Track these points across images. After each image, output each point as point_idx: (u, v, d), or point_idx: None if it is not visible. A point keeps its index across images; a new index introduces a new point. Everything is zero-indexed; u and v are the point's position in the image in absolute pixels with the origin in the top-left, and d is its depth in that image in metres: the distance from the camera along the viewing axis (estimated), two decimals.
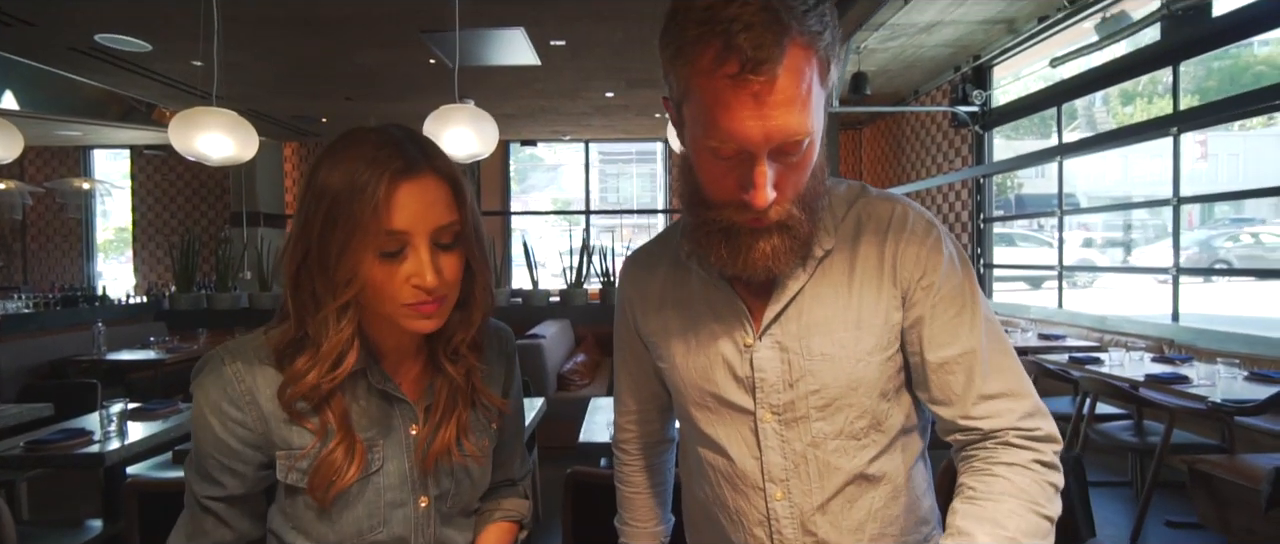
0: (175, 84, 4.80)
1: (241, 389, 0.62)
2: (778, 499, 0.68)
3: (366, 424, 0.66)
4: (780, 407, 0.67)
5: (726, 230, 0.62)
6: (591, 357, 4.66)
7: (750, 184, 0.57)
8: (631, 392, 0.84)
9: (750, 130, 0.53)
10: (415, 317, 0.62)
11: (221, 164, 2.39)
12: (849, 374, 0.65)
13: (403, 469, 0.67)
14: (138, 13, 3.52)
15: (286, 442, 0.63)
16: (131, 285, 7.71)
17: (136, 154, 7.75)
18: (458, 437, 0.69)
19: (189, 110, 2.31)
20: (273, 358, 0.63)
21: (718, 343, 0.69)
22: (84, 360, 3.90)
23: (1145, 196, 5.10)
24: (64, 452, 2.06)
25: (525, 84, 5.15)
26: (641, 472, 0.87)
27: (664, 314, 0.75)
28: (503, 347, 0.79)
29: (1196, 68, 3.84)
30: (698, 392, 0.71)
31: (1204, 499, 2.29)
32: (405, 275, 0.60)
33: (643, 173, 8.94)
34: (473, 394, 0.71)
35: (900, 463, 0.69)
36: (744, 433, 0.69)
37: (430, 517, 0.69)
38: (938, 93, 6.21)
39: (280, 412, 0.63)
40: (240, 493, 0.65)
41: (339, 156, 0.60)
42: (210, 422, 0.62)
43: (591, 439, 2.14)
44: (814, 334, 0.66)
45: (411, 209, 0.59)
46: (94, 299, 5.26)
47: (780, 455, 0.67)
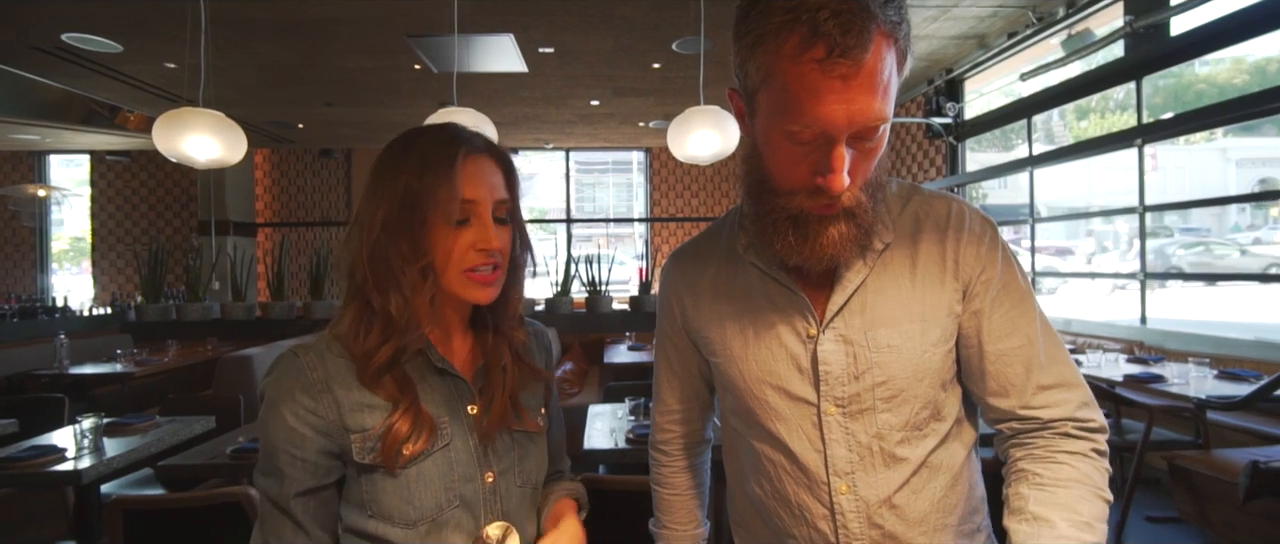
0: (145, 87, 4.63)
1: (316, 377, 0.66)
2: (842, 493, 0.68)
3: (433, 402, 0.69)
4: (845, 399, 0.67)
5: (795, 218, 0.62)
6: (579, 365, 4.62)
7: (827, 168, 0.57)
8: (674, 391, 0.84)
9: (835, 114, 0.54)
10: (476, 284, 0.68)
11: (207, 167, 2.31)
12: (915, 365, 0.66)
13: (468, 445, 0.70)
14: (110, 12, 3.40)
15: (360, 425, 0.66)
16: (91, 296, 7.36)
17: (97, 160, 7.44)
18: (512, 409, 0.73)
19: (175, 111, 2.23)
20: (342, 348, 0.68)
21: (779, 335, 0.69)
22: (45, 374, 3.69)
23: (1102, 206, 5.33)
24: (36, 469, 1.95)
25: (512, 91, 5.12)
26: (682, 473, 0.86)
27: (718, 308, 0.74)
28: (540, 339, 0.84)
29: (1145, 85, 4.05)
30: (759, 385, 0.70)
31: (1183, 494, 2.38)
32: (470, 242, 0.67)
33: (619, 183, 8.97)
34: (525, 368, 0.76)
35: (959, 451, 0.70)
36: (806, 427, 0.69)
37: (497, 492, 0.72)
38: (912, 104, 6.39)
39: (352, 396, 0.66)
40: (314, 486, 0.67)
41: (411, 143, 0.68)
42: (282, 412, 0.65)
43: (594, 447, 2.12)
44: (879, 326, 0.66)
45: (477, 182, 0.67)
46: (54, 311, 5.00)
47: (845, 448, 0.67)
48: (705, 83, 4.78)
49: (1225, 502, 2.20)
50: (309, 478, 0.67)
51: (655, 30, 3.79)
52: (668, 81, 4.87)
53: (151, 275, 4.85)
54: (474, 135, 0.70)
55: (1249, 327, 3.49)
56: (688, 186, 8.60)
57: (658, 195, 8.59)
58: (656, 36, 3.90)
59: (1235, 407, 2.34)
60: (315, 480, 0.67)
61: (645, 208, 8.53)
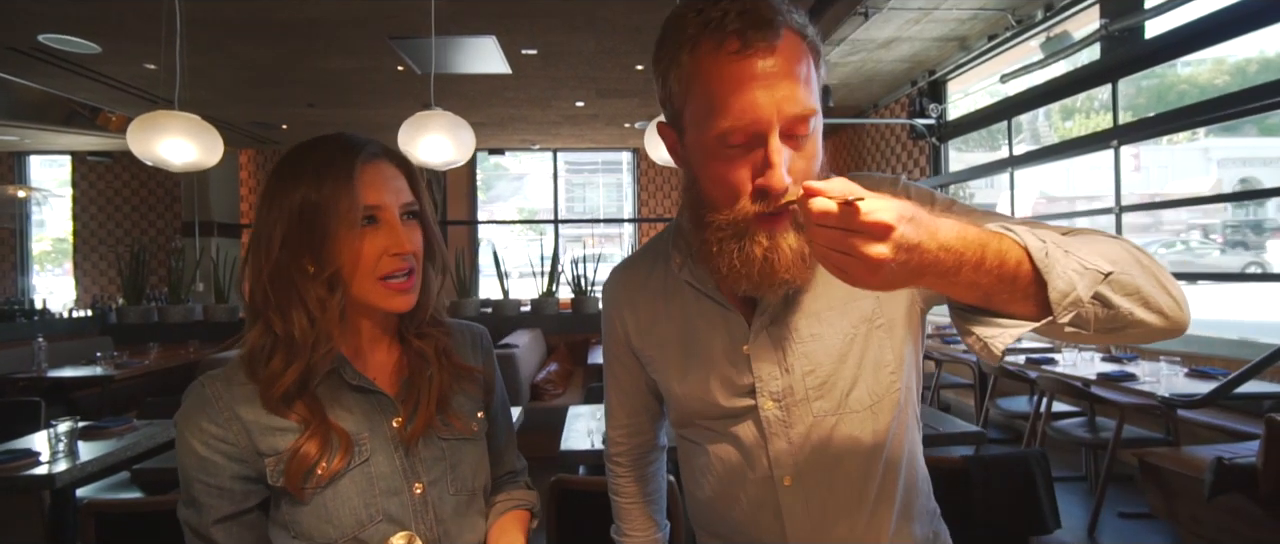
0: (125, 88, 4.59)
1: (221, 406, 0.65)
2: (786, 485, 0.69)
3: (350, 419, 0.68)
4: (779, 392, 0.69)
5: (740, 235, 0.60)
6: (564, 366, 4.63)
7: (765, 165, 0.56)
8: (622, 404, 0.85)
9: (761, 101, 0.55)
10: (392, 293, 0.67)
11: (184, 170, 2.30)
12: (839, 350, 0.68)
13: (392, 459, 0.69)
14: (87, 13, 3.37)
15: (273, 448, 0.65)
16: (72, 298, 7.28)
17: (78, 161, 7.36)
18: (439, 414, 0.71)
19: (150, 114, 2.22)
20: (247, 373, 0.66)
21: (714, 350, 0.71)
22: (23, 378, 3.65)
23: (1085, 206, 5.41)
24: (8, 473, 1.94)
25: (496, 93, 5.12)
26: (635, 482, 0.88)
27: (656, 325, 0.76)
28: (478, 342, 0.82)
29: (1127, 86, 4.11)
30: (698, 400, 0.72)
31: (1153, 490, 2.43)
32: (381, 248, 0.66)
33: (609, 183, 8.97)
34: (448, 368, 0.74)
35: (902, 446, 0.72)
36: (748, 427, 0.70)
37: (428, 503, 0.70)
38: (896, 105, 6.45)
39: (262, 420, 0.65)
40: (233, 512, 0.66)
41: (304, 155, 0.67)
42: (192, 444, 0.64)
43: (572, 447, 2.13)
44: (803, 317, 0.68)
45: (379, 186, 0.66)
46: (34, 313, 4.94)
47: (785, 442, 0.69)
48: None
49: (1192, 497, 2.24)
50: (226, 504, 0.66)
51: (637, 32, 3.81)
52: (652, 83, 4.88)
53: (133, 277, 4.81)
54: (368, 141, 0.69)
55: (1228, 325, 3.55)
56: (676, 187, 8.62)
57: (645, 196, 8.61)
58: (638, 38, 3.92)
59: (1197, 404, 2.39)
60: (233, 506, 0.66)
61: (633, 208, 8.54)
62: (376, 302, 0.67)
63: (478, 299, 5.36)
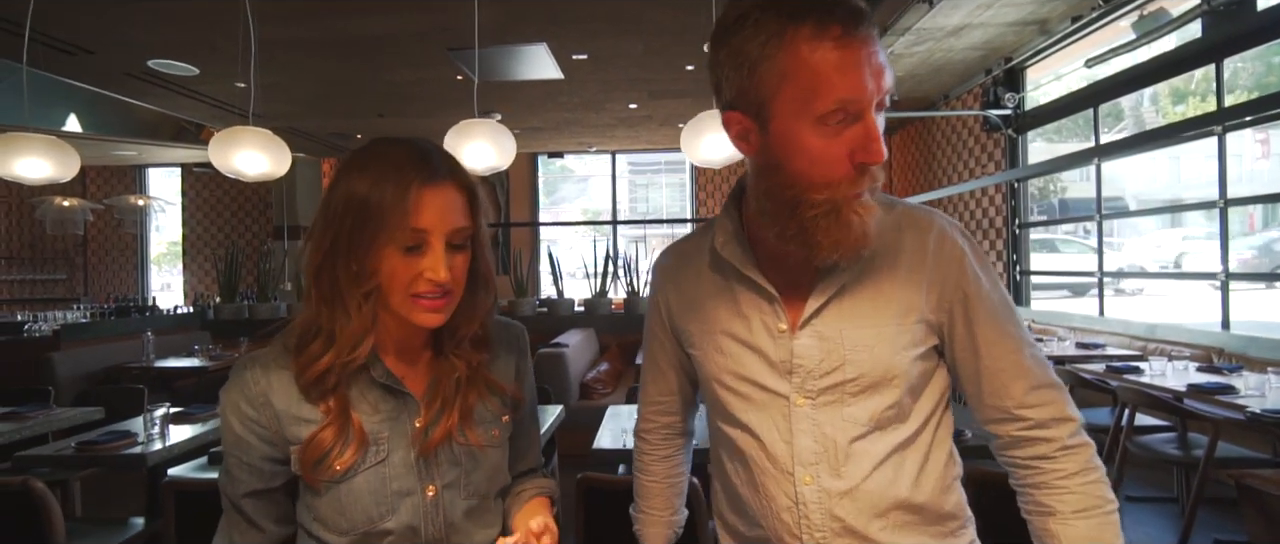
0: (221, 105, 5.06)
1: (257, 391, 0.69)
2: (806, 484, 0.70)
3: (372, 416, 0.70)
4: (815, 392, 0.70)
5: (833, 212, 0.63)
6: (614, 366, 4.68)
7: (867, 141, 0.61)
8: (656, 382, 0.88)
9: (864, 81, 0.59)
10: (423, 310, 0.67)
11: (257, 180, 2.52)
12: (886, 365, 0.69)
13: (408, 459, 0.70)
14: (185, 40, 3.74)
15: (298, 437, 0.68)
16: (180, 296, 8.10)
17: (187, 172, 8.17)
18: (459, 425, 0.72)
19: (227, 130, 2.45)
20: (287, 358, 0.69)
21: (751, 331, 0.73)
22: (134, 367, 4.12)
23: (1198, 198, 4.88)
24: (110, 452, 2.19)
25: (551, 98, 5.25)
26: (659, 462, 0.91)
27: (698, 305, 0.78)
28: (513, 341, 0.82)
29: (1254, 63, 3.66)
30: (732, 377, 0.74)
31: (1254, 517, 2.17)
32: (420, 269, 0.66)
33: (672, 183, 8.98)
34: (479, 382, 0.75)
35: (924, 457, 0.72)
36: (777, 418, 0.72)
37: (440, 505, 0.72)
38: (968, 96, 6.07)
39: (290, 409, 0.68)
40: (260, 488, 0.70)
41: (368, 163, 0.67)
42: (231, 421, 0.69)
43: (604, 446, 2.16)
44: (856, 324, 0.70)
45: (432, 211, 0.66)
46: (145, 309, 5.54)
47: (811, 439, 0.70)
48: None
49: None
50: (255, 480, 0.70)
51: (684, 33, 3.80)
52: (702, 83, 4.86)
53: (227, 277, 5.29)
54: (438, 158, 0.68)
55: None
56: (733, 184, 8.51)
57: (703, 195, 8.56)
58: (686, 39, 3.91)
59: None
60: (261, 483, 0.70)
61: (692, 208, 8.52)
62: (407, 314, 0.67)
63: (534, 299, 5.52)
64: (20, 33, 2.67)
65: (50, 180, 2.42)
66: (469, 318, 0.73)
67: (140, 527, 2.13)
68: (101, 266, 8.38)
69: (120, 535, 2.08)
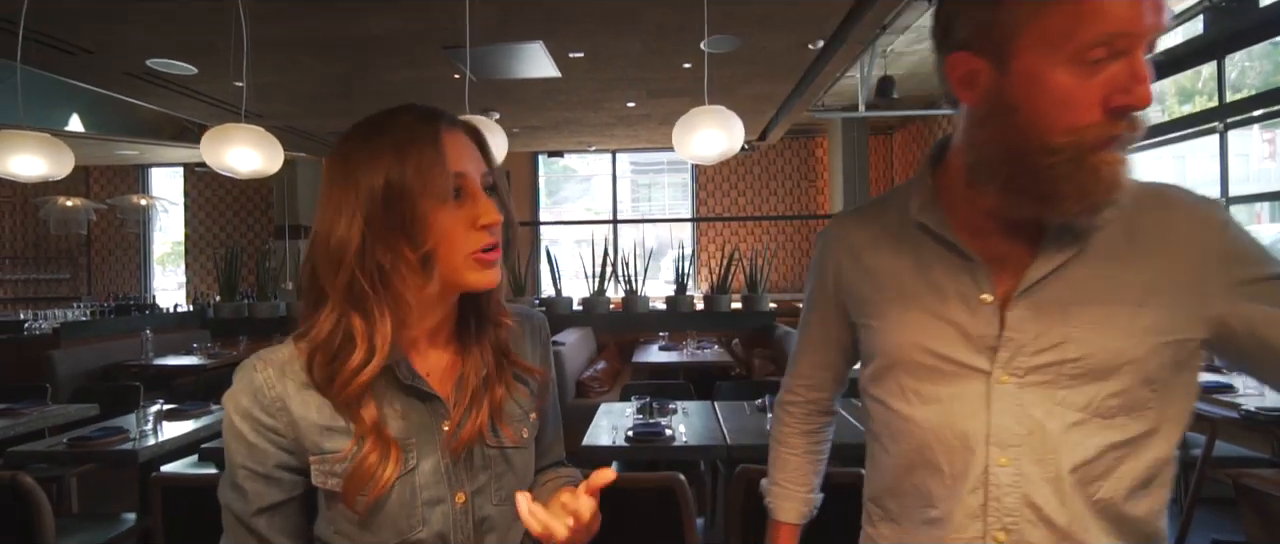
0: (220, 104, 5.08)
1: (272, 396, 0.62)
2: (1002, 465, 0.64)
3: (399, 423, 0.64)
4: (1025, 370, 0.63)
5: (1083, 153, 0.56)
6: (612, 365, 4.67)
7: (1132, 80, 0.53)
8: (809, 357, 0.85)
9: (1142, 11, 0.52)
10: (481, 267, 0.63)
11: (249, 177, 2.53)
12: (1117, 348, 0.61)
13: (438, 466, 0.65)
14: (184, 39, 3.76)
15: (318, 447, 0.62)
16: (182, 295, 8.14)
17: (189, 171, 8.22)
18: (490, 422, 0.67)
19: (219, 127, 2.46)
20: (303, 364, 0.63)
21: (947, 300, 0.67)
22: (133, 365, 4.14)
23: None
24: (102, 448, 2.20)
25: (549, 96, 5.25)
26: (802, 436, 0.88)
27: (880, 270, 0.73)
28: (536, 329, 0.79)
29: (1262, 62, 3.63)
30: (919, 350, 0.68)
31: (1252, 518, 2.15)
32: (470, 220, 0.62)
33: (674, 182, 8.98)
34: (506, 373, 0.70)
35: (1150, 468, 0.63)
36: (969, 395, 0.65)
37: (469, 512, 0.67)
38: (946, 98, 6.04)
39: (310, 417, 0.62)
40: (278, 501, 0.64)
41: (377, 135, 0.62)
42: (242, 429, 0.62)
43: (594, 443, 2.15)
44: (1085, 300, 0.62)
45: (463, 155, 0.63)
46: (145, 308, 5.57)
47: (1014, 421, 0.64)
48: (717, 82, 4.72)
49: None
50: (273, 493, 0.64)
51: (681, 31, 3.79)
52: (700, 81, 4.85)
53: (227, 276, 5.32)
54: (442, 110, 0.65)
55: None
56: (734, 185, 8.52)
57: (704, 194, 8.55)
58: (683, 37, 3.90)
59: None
60: (280, 494, 0.64)
61: (693, 208, 8.51)
62: (468, 279, 0.63)
63: (533, 298, 5.52)
64: (16, 31, 2.68)
65: (44, 177, 2.44)
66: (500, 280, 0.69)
67: (132, 522, 2.14)
68: (104, 266, 8.43)
69: (112, 531, 2.08)
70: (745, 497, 1.76)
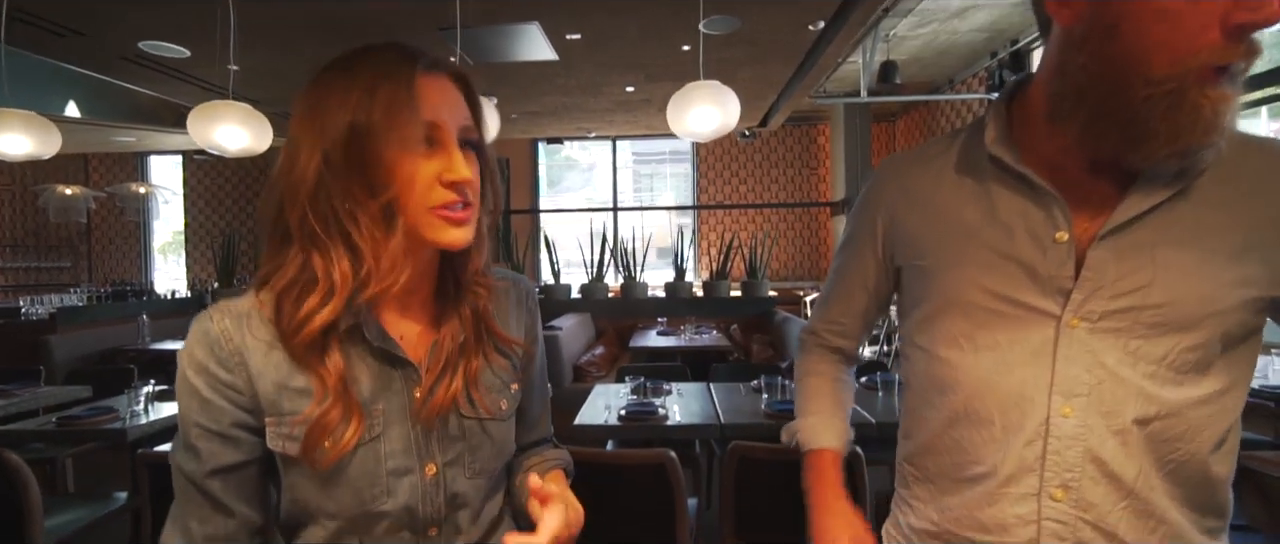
0: (213, 88, 5.04)
1: (230, 349, 0.58)
2: (1065, 415, 0.60)
3: (365, 387, 0.61)
4: (1100, 315, 0.59)
5: (1176, 93, 0.52)
6: (610, 350, 4.66)
7: None
8: (841, 303, 0.82)
9: None
10: (448, 225, 0.58)
11: (238, 156, 2.50)
12: (1206, 298, 0.57)
13: (406, 435, 0.62)
14: (174, 20, 3.72)
15: (276, 407, 0.59)
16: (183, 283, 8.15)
17: (188, 159, 8.20)
18: (466, 391, 0.64)
19: (206, 104, 2.42)
20: (264, 316, 0.59)
21: (1017, 239, 0.63)
22: (131, 350, 4.13)
23: None
24: (92, 427, 2.19)
25: (546, 80, 5.21)
26: (831, 365, 0.84)
27: (939, 208, 0.68)
28: (521, 296, 0.74)
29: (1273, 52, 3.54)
30: (979, 291, 0.64)
31: (1253, 498, 2.13)
32: (436, 173, 0.57)
33: (676, 172, 8.94)
34: (485, 342, 0.66)
35: (1214, 423, 0.60)
36: (1033, 340, 0.61)
37: (440, 485, 0.63)
38: (973, 80, 5.98)
39: (269, 374, 0.59)
40: (235, 462, 0.60)
41: (352, 68, 0.57)
42: (195, 384, 0.58)
43: (587, 422, 2.13)
44: (1175, 245, 0.58)
45: (440, 103, 0.58)
46: (143, 294, 5.57)
47: (1082, 369, 0.60)
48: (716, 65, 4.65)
49: None
50: (227, 453, 0.59)
51: (678, 12, 3.74)
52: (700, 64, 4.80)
53: (225, 263, 5.31)
54: (427, 51, 0.60)
55: None
56: (736, 173, 8.46)
57: (705, 183, 8.50)
58: (681, 18, 3.85)
59: None
60: (237, 455, 0.60)
61: (694, 197, 8.46)
62: (432, 236, 0.58)
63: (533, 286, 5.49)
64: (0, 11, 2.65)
65: (31, 156, 2.41)
66: (479, 244, 0.64)
67: (123, 501, 2.13)
68: (105, 255, 8.44)
69: (103, 509, 2.08)
70: (738, 473, 1.74)
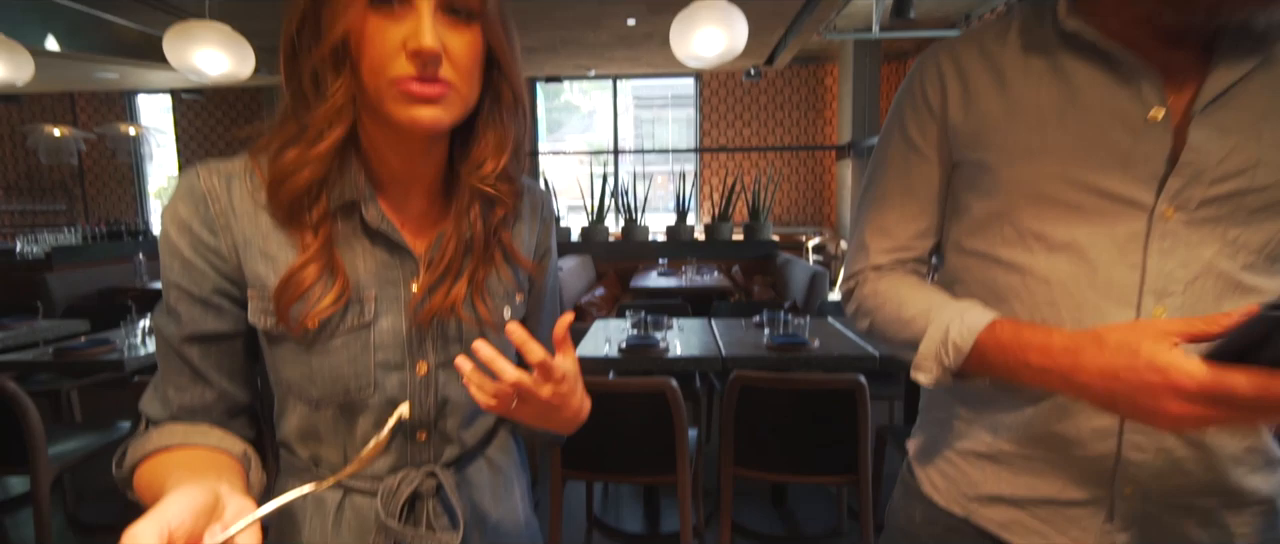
0: None
1: (216, 209, 0.55)
2: (1155, 316, 0.55)
3: (360, 271, 0.58)
4: (1198, 202, 0.54)
5: None
6: (611, 291, 4.65)
7: None
8: (901, 207, 0.69)
9: None
10: (412, 101, 0.51)
11: (220, 82, 2.38)
12: None
13: (398, 329, 0.59)
14: None
15: (262, 278, 0.55)
16: None
17: (176, 98, 7.98)
18: (469, 296, 0.60)
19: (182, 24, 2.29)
20: (256, 177, 0.56)
21: (1102, 121, 0.57)
22: (128, 289, 4.11)
23: None
24: (89, 358, 2.19)
25: (544, 13, 4.98)
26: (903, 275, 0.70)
27: (1008, 91, 0.61)
28: (537, 204, 0.69)
29: None
30: (1057, 182, 0.57)
31: None
32: (401, 40, 0.50)
33: (679, 117, 8.73)
34: (494, 249, 0.62)
35: None
36: (1120, 234, 0.56)
37: (431, 386, 0.61)
38: (991, 16, 5.71)
39: (257, 241, 0.55)
40: (215, 331, 0.57)
41: None
42: (178, 244, 0.54)
43: (588, 355, 2.11)
44: (1274, 119, 0.54)
45: None
46: (138, 234, 5.51)
47: (1177, 263, 0.55)
48: None
49: None
50: (210, 321, 0.57)
51: None
52: None
53: None
54: None
55: None
56: (739, 115, 8.25)
57: (708, 125, 8.30)
58: None
59: None
60: (219, 325, 0.57)
61: (697, 140, 8.28)
62: (390, 110, 0.52)
63: None
64: None
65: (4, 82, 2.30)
66: (496, 144, 0.57)
67: (126, 429, 2.15)
68: (100, 198, 8.34)
69: (106, 438, 2.09)
70: (740, 402, 1.72)
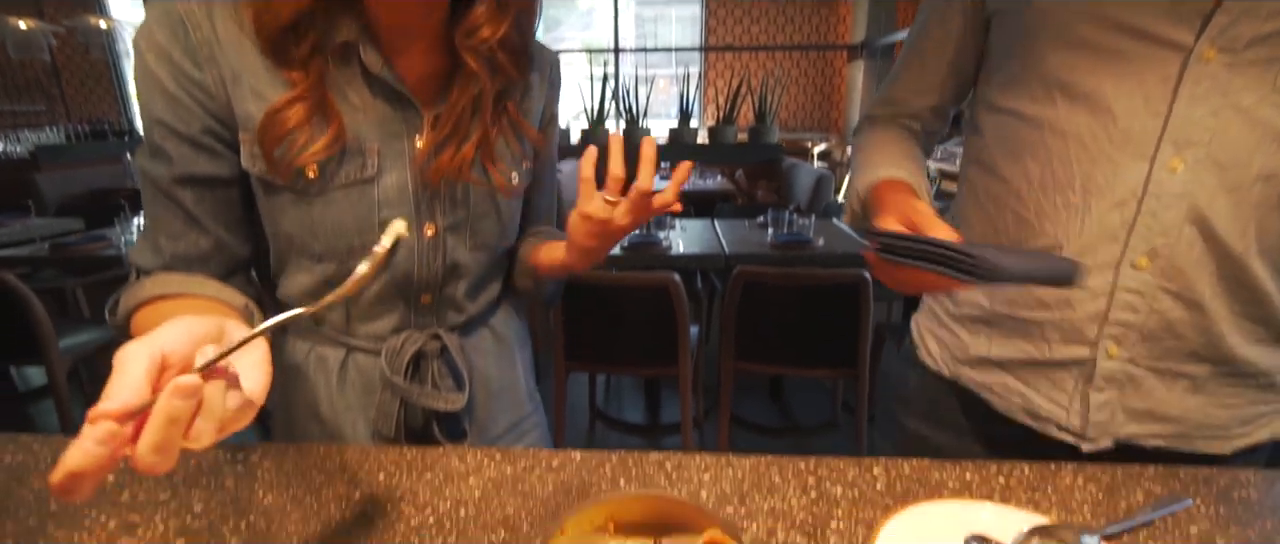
0: None
1: (199, 38, 0.49)
2: (1171, 170, 0.52)
3: (363, 122, 0.54)
4: (1245, 42, 0.49)
5: None
6: None
7: None
8: (913, 73, 0.70)
9: None
10: None
11: None
12: None
13: (404, 184, 0.56)
14: None
15: (250, 119, 0.51)
16: None
17: None
18: (477, 160, 0.57)
19: None
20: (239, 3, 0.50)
21: None
22: (119, 189, 4.04)
23: None
24: (91, 252, 2.18)
25: None
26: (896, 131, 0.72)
27: None
28: (545, 68, 0.65)
29: None
30: (1094, 24, 0.54)
31: None
32: None
33: (682, 16, 8.24)
34: (502, 112, 0.59)
35: None
36: (1151, 80, 0.52)
37: (439, 249, 0.59)
38: None
39: (247, 76, 0.50)
40: (208, 174, 0.52)
41: None
42: (158, 74, 0.49)
43: None
44: None
45: None
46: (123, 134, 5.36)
47: (1209, 111, 0.51)
48: None
49: None
50: (202, 163, 0.51)
51: None
52: None
53: None
54: None
55: None
56: (748, 12, 7.78)
57: (714, 22, 7.85)
58: None
59: None
60: (211, 168, 0.52)
61: (702, 38, 7.85)
62: None
63: None
64: None
65: None
66: (492, 10, 0.52)
67: None
68: (79, 97, 8.02)
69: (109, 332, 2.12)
70: (742, 297, 1.73)
